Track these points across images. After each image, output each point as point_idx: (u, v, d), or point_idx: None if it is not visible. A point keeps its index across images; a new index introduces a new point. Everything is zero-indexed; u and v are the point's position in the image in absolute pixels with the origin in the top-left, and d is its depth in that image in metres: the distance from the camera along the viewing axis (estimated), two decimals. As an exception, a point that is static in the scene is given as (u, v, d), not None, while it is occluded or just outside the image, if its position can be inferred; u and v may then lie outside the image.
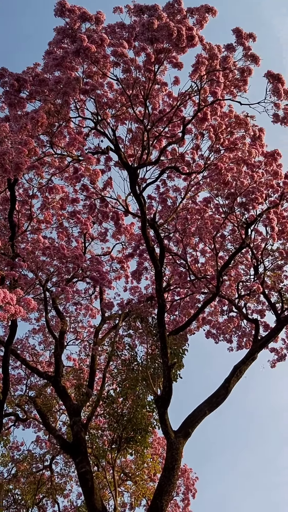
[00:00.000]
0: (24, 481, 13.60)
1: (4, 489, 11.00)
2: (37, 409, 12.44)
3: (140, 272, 12.43)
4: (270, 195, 11.41)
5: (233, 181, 10.88)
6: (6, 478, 13.34)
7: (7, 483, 13.08)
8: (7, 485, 13.09)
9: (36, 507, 13.80)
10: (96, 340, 12.27)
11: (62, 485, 13.92)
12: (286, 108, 9.02)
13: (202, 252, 13.00)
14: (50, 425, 12.06)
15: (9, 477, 13.48)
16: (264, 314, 12.89)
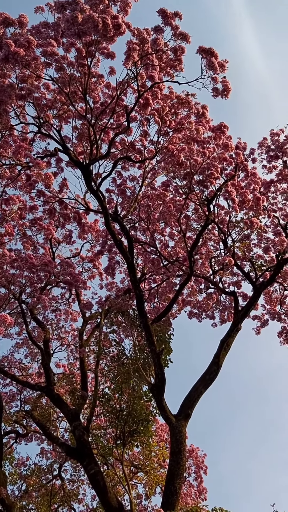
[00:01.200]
0: (36, 495, 13.52)
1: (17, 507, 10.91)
2: (35, 422, 12.33)
3: (113, 267, 12.39)
4: (225, 168, 11.53)
5: (187, 160, 10.92)
6: (17, 496, 13.24)
7: (19, 500, 12.98)
8: (20, 502, 12.99)
9: (53, 517, 13.77)
10: (82, 342, 12.23)
11: (75, 490, 13.91)
12: (224, 81, 9.08)
13: (170, 236, 13.06)
14: (52, 435, 11.99)
15: (20, 494, 13.38)
16: (241, 285, 13.10)
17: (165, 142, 10.66)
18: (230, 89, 9.12)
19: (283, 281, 12.84)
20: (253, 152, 13.30)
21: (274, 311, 13.31)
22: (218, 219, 11.85)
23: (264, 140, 13.39)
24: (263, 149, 13.34)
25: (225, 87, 9.09)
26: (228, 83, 9.10)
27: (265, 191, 12.98)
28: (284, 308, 13.18)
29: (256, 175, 12.03)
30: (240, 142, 12.52)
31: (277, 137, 13.18)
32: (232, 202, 11.17)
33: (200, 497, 13.65)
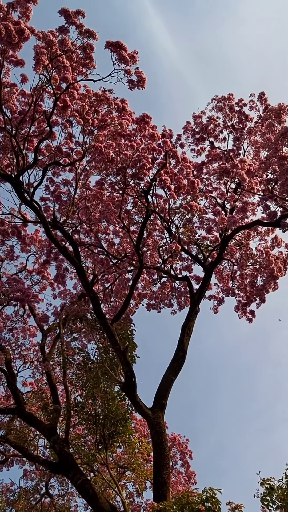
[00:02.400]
0: (27, 518, 13.24)
1: (9, 535, 10.64)
2: (12, 446, 12.05)
3: (62, 274, 12.21)
4: (155, 158, 11.62)
5: (117, 156, 10.92)
6: (8, 524, 12.89)
7: (10, 527, 12.65)
8: (12, 529, 12.66)
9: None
10: (45, 356, 12.00)
11: (66, 504, 13.72)
12: (137, 71, 9.11)
13: (114, 233, 13.03)
14: (32, 455, 11.75)
15: (11, 521, 13.05)
16: (191, 268, 13.35)
17: (91, 141, 10.58)
18: (145, 79, 9.17)
19: (230, 258, 13.16)
20: (179, 137, 13.53)
21: (228, 288, 13.64)
22: (158, 209, 11.95)
23: (188, 124, 13.66)
24: (188, 133, 13.60)
25: (140, 78, 9.13)
26: (142, 73, 9.15)
27: (198, 174, 13.24)
28: (236, 283, 13.53)
29: (187, 160, 12.21)
30: (166, 130, 12.69)
31: (200, 120, 13.49)
32: (169, 189, 11.30)
33: (190, 482, 13.84)
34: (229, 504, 7.72)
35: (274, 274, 12.03)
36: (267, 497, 7.80)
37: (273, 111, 10.43)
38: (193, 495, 7.96)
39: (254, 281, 12.99)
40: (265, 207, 9.71)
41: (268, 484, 7.86)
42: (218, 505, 7.69)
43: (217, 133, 13.50)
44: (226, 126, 13.46)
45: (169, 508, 7.77)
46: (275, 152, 9.45)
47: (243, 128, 13.40)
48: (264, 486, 7.87)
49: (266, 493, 7.83)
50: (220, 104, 13.35)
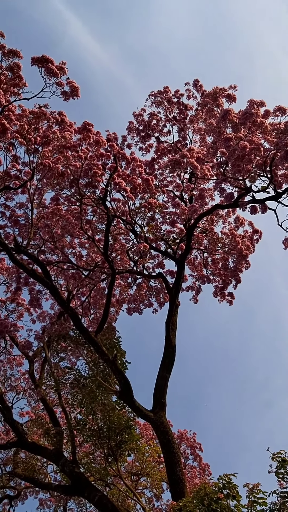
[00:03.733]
0: None
1: None
2: (22, 478, 11.81)
3: (37, 298, 12.03)
4: (105, 163, 11.59)
5: (66, 169, 10.85)
6: None
7: None
8: None
9: None
10: (36, 383, 11.80)
11: (87, 524, 13.54)
12: (69, 82, 9.07)
13: (80, 246, 12.94)
14: (44, 483, 11.56)
15: None
16: (163, 264, 13.39)
17: (38, 159, 10.47)
18: (78, 88, 9.14)
19: (199, 246, 13.27)
20: (125, 139, 13.57)
21: (203, 276, 13.75)
22: (119, 212, 11.92)
23: (131, 124, 13.71)
24: (133, 133, 13.65)
25: (72, 88, 9.10)
26: (74, 83, 9.12)
27: (151, 171, 13.31)
28: (209, 269, 13.66)
29: (137, 159, 12.26)
30: (110, 134, 12.69)
31: (142, 117, 13.56)
32: (125, 192, 11.30)
33: (205, 474, 13.87)
34: (246, 486, 7.79)
35: (243, 253, 12.21)
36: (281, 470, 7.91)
37: (209, 96, 10.57)
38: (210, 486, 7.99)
39: (226, 263, 13.14)
40: (221, 190, 9.83)
41: (279, 457, 7.97)
42: (235, 489, 7.74)
43: (161, 128, 13.61)
44: (168, 119, 13.57)
45: (189, 503, 7.77)
46: (219, 135, 9.59)
47: (185, 118, 13.54)
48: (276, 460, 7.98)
49: (279, 467, 7.94)
50: (158, 98, 13.46)
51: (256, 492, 7.68)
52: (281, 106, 9.15)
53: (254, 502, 7.59)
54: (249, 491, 7.74)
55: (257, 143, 8.92)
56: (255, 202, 9.68)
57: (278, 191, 9.43)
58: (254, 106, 9.06)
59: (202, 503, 7.67)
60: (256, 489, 7.72)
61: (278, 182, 9.40)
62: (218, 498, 7.60)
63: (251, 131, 9.14)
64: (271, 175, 9.19)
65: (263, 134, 9.05)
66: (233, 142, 9.15)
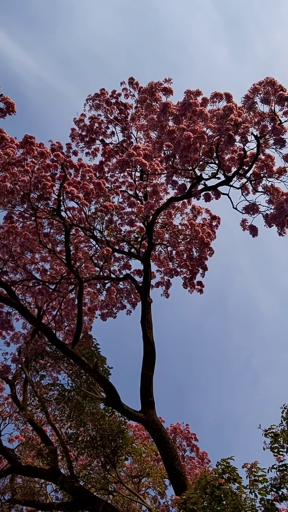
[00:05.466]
0: None
1: None
2: (23, 504, 11.58)
3: (7, 320, 11.81)
4: (54, 174, 11.46)
5: (15, 185, 10.65)
6: None
7: None
8: None
9: None
10: (21, 405, 11.58)
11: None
12: (3, 98, 8.90)
13: (43, 260, 12.76)
14: (45, 504, 11.36)
15: None
16: (129, 265, 13.39)
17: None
18: (13, 104, 8.99)
19: (161, 241, 13.35)
20: (70, 146, 13.45)
21: (169, 269, 13.84)
22: (76, 220, 11.84)
23: (74, 131, 13.61)
24: (77, 139, 13.56)
25: (7, 104, 8.94)
26: (8, 99, 8.96)
27: (101, 174, 13.27)
28: (175, 262, 13.76)
29: (85, 165, 12.17)
30: (54, 144, 12.54)
31: (83, 123, 13.49)
32: (78, 199, 11.21)
33: (204, 462, 14.01)
34: (245, 466, 7.91)
35: (205, 241, 12.37)
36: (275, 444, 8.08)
37: (146, 92, 10.64)
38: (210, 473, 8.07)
39: (191, 254, 13.28)
40: (173, 183, 9.90)
41: (271, 432, 8.14)
42: (235, 472, 7.85)
43: (104, 130, 13.58)
44: (109, 120, 13.56)
45: (192, 495, 7.82)
46: (162, 129, 9.65)
47: (126, 117, 13.57)
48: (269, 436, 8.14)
49: (273, 442, 8.11)
50: (96, 101, 13.42)
51: (255, 471, 7.81)
52: (217, 92, 9.28)
53: (255, 481, 7.72)
54: (249, 470, 7.86)
55: (200, 132, 9.04)
56: (208, 189, 9.82)
57: (227, 175, 9.60)
58: (192, 96, 9.17)
59: (205, 492, 7.75)
60: (255, 468, 7.85)
61: (226, 167, 9.57)
62: (220, 484, 7.69)
63: (192, 121, 9.25)
64: (219, 161, 9.34)
65: (204, 122, 9.18)
66: (177, 134, 9.24)
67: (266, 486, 7.70)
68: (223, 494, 7.59)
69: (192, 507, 7.60)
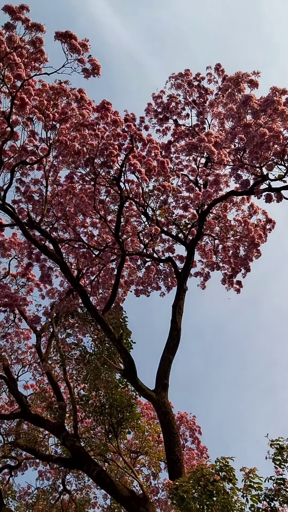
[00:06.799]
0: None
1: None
2: (24, 449, 12.08)
3: (47, 274, 12.16)
4: (122, 144, 11.55)
5: (83, 147, 10.84)
6: (31, 526, 13.01)
7: (33, 529, 12.77)
8: (35, 530, 12.79)
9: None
10: (42, 357, 12.00)
11: (85, 497, 13.85)
12: (91, 59, 9.02)
13: (92, 225, 12.99)
14: (44, 455, 11.82)
15: (33, 523, 13.15)
16: (173, 249, 13.40)
17: (55, 135, 10.47)
18: (99, 66, 9.09)
19: (210, 232, 13.27)
20: (143, 120, 13.47)
21: (212, 262, 13.78)
22: (132, 194, 11.93)
23: (150, 106, 13.60)
24: (151, 114, 13.56)
25: (94, 66, 9.04)
26: (96, 61, 9.06)
27: (167, 154, 13.25)
28: (219, 257, 13.67)
29: (153, 141, 12.18)
30: (128, 114, 12.56)
31: (161, 99, 13.45)
32: (139, 173, 11.27)
33: (202, 456, 14.10)
34: (243, 470, 7.92)
35: (255, 241, 12.19)
36: (278, 456, 8.02)
37: (231, 81, 10.44)
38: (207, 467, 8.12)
39: (237, 251, 13.15)
40: (237, 176, 9.78)
41: (277, 444, 8.09)
42: (232, 472, 7.88)
43: (179, 111, 13.50)
44: (187, 102, 13.46)
45: (185, 483, 7.91)
46: (239, 121, 9.51)
47: (205, 102, 13.42)
48: (274, 447, 8.09)
49: (276, 453, 8.05)
50: (178, 81, 13.33)
51: (252, 477, 7.81)
52: (303, 94, 9.03)
53: (249, 486, 7.73)
54: (245, 475, 7.87)
55: (276, 131, 8.84)
56: (271, 190, 9.64)
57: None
58: (277, 94, 8.95)
59: (199, 484, 7.83)
60: (253, 474, 7.85)
61: (295, 172, 9.32)
62: (214, 480, 7.74)
63: (271, 119, 9.05)
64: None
65: (283, 122, 8.96)
66: (253, 129, 9.08)
67: (259, 494, 7.70)
68: (215, 490, 7.64)
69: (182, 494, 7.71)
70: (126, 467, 11.90)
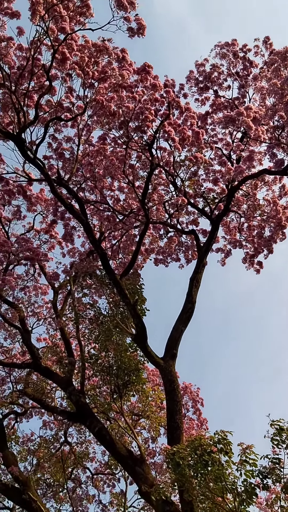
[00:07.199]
0: (48, 465, 13.98)
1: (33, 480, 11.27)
2: (31, 398, 12.55)
3: (70, 233, 12.29)
4: (158, 109, 11.35)
5: (119, 109, 10.70)
6: (30, 471, 13.63)
7: (33, 474, 13.39)
8: (34, 475, 13.41)
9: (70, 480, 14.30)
10: (58, 313, 12.27)
11: (85, 451, 14.43)
12: (137, 18, 8.79)
13: (119, 189, 12.94)
14: (50, 406, 12.26)
15: (33, 468, 13.79)
16: (198, 222, 13.32)
17: (92, 94, 10.35)
18: (145, 26, 8.86)
19: (237, 209, 13.10)
20: (182, 87, 13.14)
21: (235, 240, 13.67)
22: (163, 162, 11.80)
23: (191, 73, 13.23)
24: (191, 82, 13.20)
25: (139, 25, 8.82)
26: (142, 20, 8.83)
27: (203, 124, 12.97)
28: (243, 235, 13.54)
29: (191, 110, 11.93)
30: (168, 80, 12.27)
31: (203, 68, 13.06)
32: (173, 141, 11.12)
33: (202, 427, 14.41)
34: (240, 445, 8.07)
35: (282, 223, 12.01)
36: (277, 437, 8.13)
37: (279, 55, 10.06)
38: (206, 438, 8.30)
39: (262, 232, 12.99)
40: (272, 155, 9.58)
41: (277, 425, 8.18)
42: (229, 446, 8.04)
43: (221, 81, 13.10)
44: (230, 73, 13.04)
45: (182, 450, 8.12)
46: (281, 98, 9.22)
47: (248, 74, 12.98)
48: (274, 427, 8.20)
49: (275, 434, 8.16)
50: (224, 50, 12.87)
51: (249, 453, 7.95)
52: None
53: (245, 462, 7.90)
54: (242, 450, 8.02)
55: None
56: (305, 173, 9.41)
57: None
58: None
59: (195, 453, 8.03)
60: (249, 450, 8.00)
61: None
62: (211, 451, 7.92)
63: (315, 99, 8.74)
64: None
65: None
66: (294, 107, 8.80)
67: (254, 471, 7.86)
68: (211, 461, 7.83)
69: (179, 460, 7.94)
70: (127, 427, 12.28)
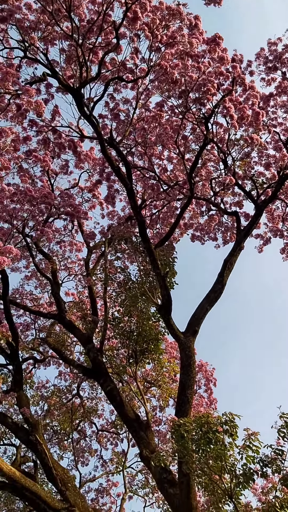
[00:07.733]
0: (58, 413, 14.58)
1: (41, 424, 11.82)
2: (51, 348, 12.99)
3: (113, 195, 12.34)
4: (221, 83, 11.06)
5: (181, 77, 10.48)
6: (40, 415, 14.27)
7: (42, 418, 14.03)
8: (43, 420, 14.04)
9: (75, 432, 14.92)
10: (89, 271, 12.50)
11: (94, 407, 14.95)
12: (216, -15, 8.46)
13: (168, 159, 12.84)
14: (68, 358, 12.67)
15: (43, 413, 14.44)
16: (242, 204, 13.08)
17: (157, 58, 10.15)
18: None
19: (285, 198, 12.78)
20: (250, 64, 12.63)
21: (277, 229, 13.39)
22: (217, 138, 11.57)
23: (262, 51, 12.68)
24: (260, 60, 12.66)
25: (218, -7, 8.50)
26: (221, -12, 8.49)
27: (264, 106, 12.54)
28: (286, 225, 13.25)
29: (255, 89, 11.56)
30: (236, 54, 11.87)
31: (275, 47, 12.48)
32: (231, 118, 10.85)
33: (210, 406, 14.60)
34: (246, 430, 8.16)
35: None
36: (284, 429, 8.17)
37: None
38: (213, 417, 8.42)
39: (306, 225, 12.68)
40: None
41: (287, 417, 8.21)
42: (235, 429, 8.14)
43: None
44: (303, 56, 12.44)
45: (188, 424, 8.27)
46: None
47: None
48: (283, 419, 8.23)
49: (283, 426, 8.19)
50: (300, 31, 12.25)
51: (253, 439, 8.03)
52: None
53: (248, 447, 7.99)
54: (247, 436, 8.10)
55: None
56: None
57: None
58: None
59: (201, 429, 8.16)
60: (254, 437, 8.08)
61: None
62: (217, 430, 8.04)
63: None
64: None
65: None
66: None
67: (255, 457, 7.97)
68: (214, 439, 7.96)
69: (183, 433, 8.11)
70: (138, 392, 12.59)
